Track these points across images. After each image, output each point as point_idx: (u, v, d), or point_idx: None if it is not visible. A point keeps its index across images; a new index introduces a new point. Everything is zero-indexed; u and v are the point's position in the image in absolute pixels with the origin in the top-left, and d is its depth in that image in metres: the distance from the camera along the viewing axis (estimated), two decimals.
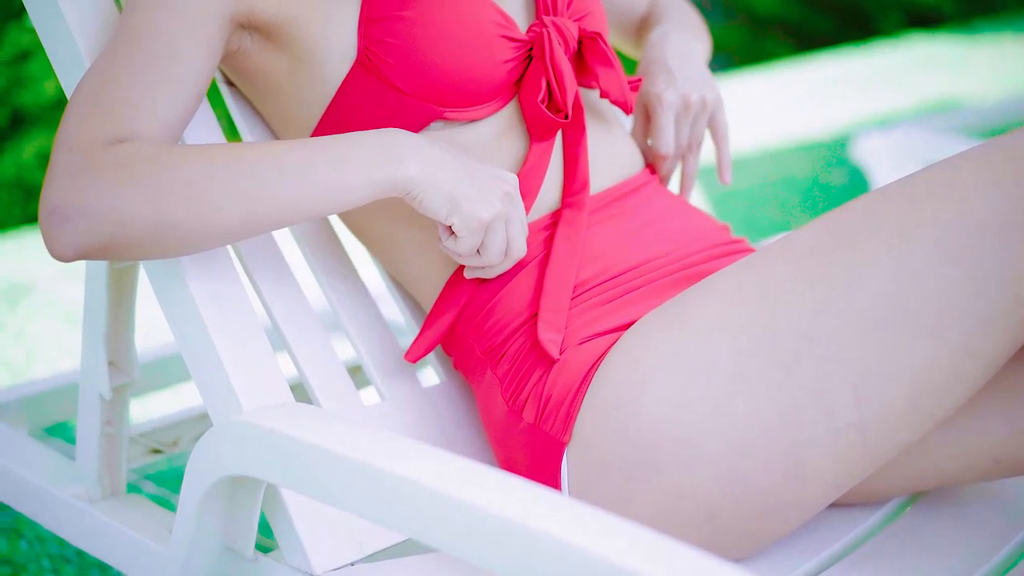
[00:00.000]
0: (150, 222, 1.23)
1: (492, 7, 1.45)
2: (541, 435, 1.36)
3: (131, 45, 1.31)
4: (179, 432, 1.95)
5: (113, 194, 1.21)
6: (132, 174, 1.22)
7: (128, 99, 1.28)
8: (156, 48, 1.31)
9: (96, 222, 1.21)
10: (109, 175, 1.22)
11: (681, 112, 1.64)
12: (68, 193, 1.22)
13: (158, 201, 1.22)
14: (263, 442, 1.20)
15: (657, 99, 1.63)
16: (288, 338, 1.46)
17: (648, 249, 1.48)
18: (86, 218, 1.21)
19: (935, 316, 1.21)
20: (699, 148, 1.71)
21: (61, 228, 1.22)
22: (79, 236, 1.22)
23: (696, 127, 1.68)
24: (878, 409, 1.23)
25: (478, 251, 1.39)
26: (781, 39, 8.39)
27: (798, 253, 1.28)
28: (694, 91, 1.65)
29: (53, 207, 1.22)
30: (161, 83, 1.30)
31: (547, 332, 1.38)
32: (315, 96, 1.45)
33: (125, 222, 1.22)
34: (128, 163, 1.23)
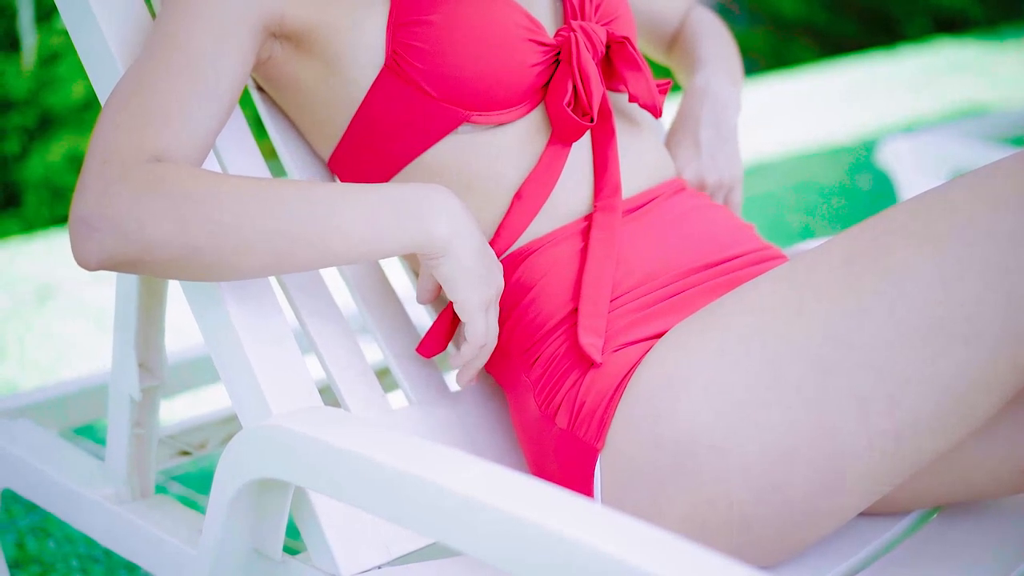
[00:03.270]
0: (176, 248, 1.24)
1: (520, 11, 1.45)
2: (574, 441, 1.36)
3: (165, 55, 1.32)
4: (207, 434, 1.96)
5: (143, 215, 1.22)
6: (164, 197, 1.23)
7: (163, 111, 1.29)
8: (190, 59, 1.32)
9: (123, 239, 1.23)
10: (141, 194, 1.23)
11: (698, 190, 1.69)
12: (99, 205, 1.23)
13: (186, 229, 1.23)
14: (292, 446, 1.20)
15: (677, 175, 1.68)
16: (316, 341, 1.46)
17: (681, 256, 1.48)
18: (113, 233, 1.23)
19: (969, 324, 1.21)
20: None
21: (88, 238, 1.23)
22: (104, 249, 1.23)
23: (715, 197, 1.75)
24: (912, 417, 1.23)
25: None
26: (807, 43, 8.39)
27: (834, 262, 1.28)
28: (712, 173, 1.72)
29: (83, 216, 1.23)
30: (195, 94, 1.31)
31: (588, 336, 1.38)
32: (344, 101, 1.46)
33: (151, 244, 1.23)
34: (161, 185, 1.24)
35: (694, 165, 1.71)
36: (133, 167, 1.25)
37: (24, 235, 4.30)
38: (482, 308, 1.37)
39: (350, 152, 1.49)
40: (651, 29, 1.94)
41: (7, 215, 4.48)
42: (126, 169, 1.25)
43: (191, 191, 1.24)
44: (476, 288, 1.36)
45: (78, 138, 4.53)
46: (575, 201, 1.49)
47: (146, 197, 1.23)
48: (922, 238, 1.24)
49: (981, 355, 1.21)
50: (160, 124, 1.28)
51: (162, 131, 1.28)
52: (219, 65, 1.34)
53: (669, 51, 1.95)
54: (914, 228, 1.25)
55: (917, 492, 1.42)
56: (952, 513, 1.47)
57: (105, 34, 1.42)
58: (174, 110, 1.30)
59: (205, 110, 1.32)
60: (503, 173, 1.46)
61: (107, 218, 1.23)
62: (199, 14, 1.34)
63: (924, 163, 3.29)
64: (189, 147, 1.30)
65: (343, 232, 1.28)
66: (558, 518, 0.97)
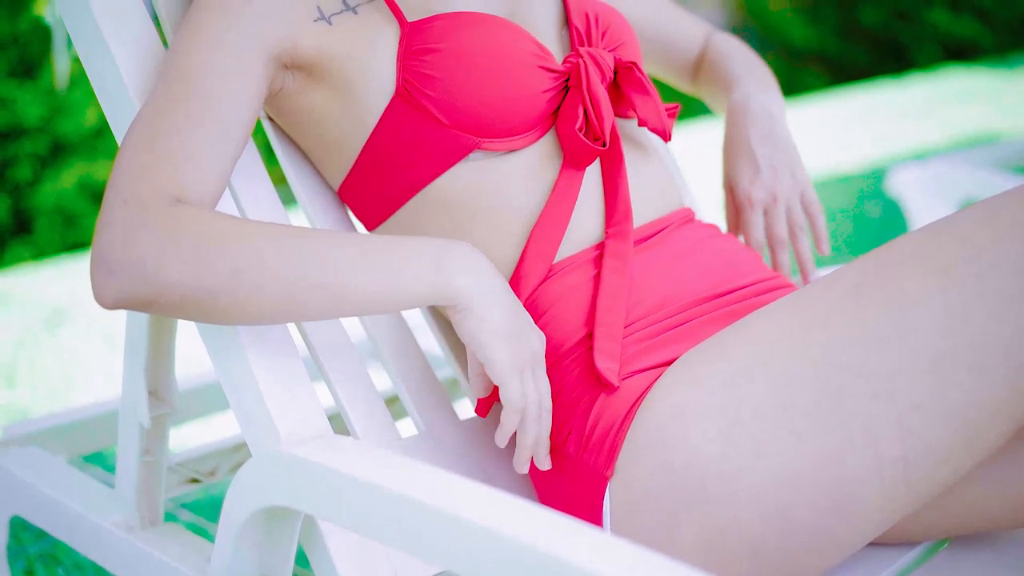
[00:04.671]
0: (191, 291, 1.25)
1: (528, 38, 1.46)
2: (584, 468, 1.36)
3: (180, 91, 1.34)
4: (217, 462, 1.96)
5: (160, 258, 1.23)
6: (182, 242, 1.24)
7: (182, 150, 1.30)
8: (205, 94, 1.34)
9: (139, 281, 1.24)
10: (161, 238, 1.24)
11: (771, 205, 1.68)
12: (118, 247, 1.24)
13: (202, 275, 1.24)
14: (302, 473, 1.20)
15: (746, 198, 1.70)
16: (326, 368, 1.47)
17: (690, 286, 1.47)
18: (130, 275, 1.24)
19: (979, 354, 1.20)
20: (803, 232, 1.75)
21: (106, 278, 1.25)
22: (122, 290, 1.25)
23: (792, 214, 1.74)
24: (921, 446, 1.23)
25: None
26: (817, 71, 8.39)
27: (842, 291, 1.28)
28: (780, 181, 1.70)
29: (102, 256, 1.25)
30: (212, 132, 1.33)
31: (604, 360, 1.38)
32: (355, 129, 1.47)
33: (167, 287, 1.24)
34: (181, 230, 1.25)
35: (759, 183, 1.71)
36: (154, 210, 1.26)
37: (35, 261, 4.31)
38: (514, 370, 1.34)
39: (361, 180, 1.50)
40: (673, 59, 1.94)
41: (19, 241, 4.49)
42: (147, 211, 1.26)
43: (211, 236, 1.25)
44: (503, 347, 1.33)
45: (90, 165, 4.55)
46: (586, 229, 1.49)
47: (166, 242, 1.24)
48: (930, 268, 1.24)
49: (990, 384, 1.21)
50: (179, 163, 1.30)
51: (181, 170, 1.29)
52: (234, 101, 1.35)
53: (695, 78, 1.95)
54: (922, 258, 1.25)
55: (926, 522, 1.42)
56: (961, 545, 1.47)
57: (118, 62, 1.43)
58: (193, 149, 1.31)
59: (222, 147, 1.33)
60: (515, 199, 1.46)
61: (127, 261, 1.24)
62: (213, 48, 1.36)
63: (934, 191, 3.29)
64: (208, 184, 1.31)
65: (361, 285, 1.29)
66: (569, 547, 0.97)
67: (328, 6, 1.45)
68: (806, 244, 1.75)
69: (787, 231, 1.72)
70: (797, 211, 1.72)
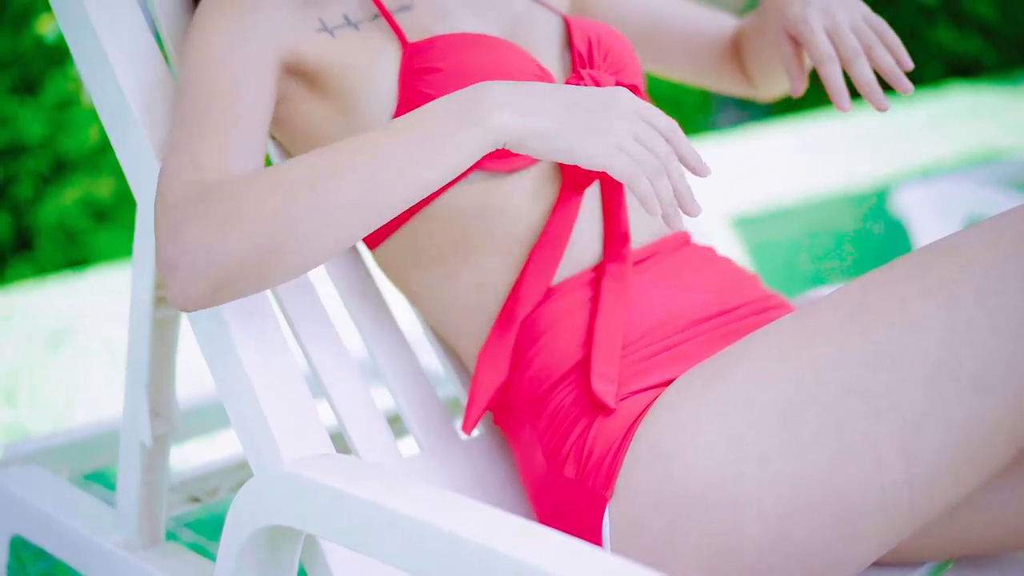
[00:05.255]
0: (248, 252, 1.25)
1: (529, 60, 1.46)
2: (583, 490, 1.36)
3: (205, 100, 1.36)
4: (218, 481, 1.95)
5: (209, 237, 1.24)
6: (225, 214, 1.25)
7: (212, 152, 1.32)
8: (224, 102, 1.36)
9: (200, 268, 1.25)
10: (202, 220, 1.25)
11: (832, 28, 1.53)
12: (172, 246, 1.25)
13: (250, 233, 1.25)
14: (303, 493, 1.20)
15: (802, 22, 1.54)
16: (328, 387, 1.46)
17: (687, 307, 1.47)
18: (190, 267, 1.25)
19: (983, 373, 1.20)
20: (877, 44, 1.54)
21: (174, 280, 1.26)
22: (189, 284, 1.26)
23: (860, 32, 1.54)
24: (926, 465, 1.22)
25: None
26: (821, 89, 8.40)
27: (846, 310, 1.28)
28: (833, 3, 1.55)
29: (164, 262, 1.26)
30: (238, 133, 1.34)
31: (601, 383, 1.37)
32: None
33: (226, 261, 1.25)
34: (214, 203, 1.26)
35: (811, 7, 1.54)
36: (192, 201, 1.27)
37: (37, 278, 4.31)
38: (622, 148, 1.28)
39: None
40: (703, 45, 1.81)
41: (20, 258, 4.50)
42: (187, 205, 1.27)
43: (243, 195, 1.26)
44: (595, 138, 1.28)
45: (92, 182, 4.55)
46: (585, 250, 1.49)
47: (207, 220, 1.25)
48: (933, 287, 1.23)
49: (995, 404, 1.20)
50: (212, 166, 1.31)
51: (215, 170, 1.31)
52: (254, 103, 1.37)
53: (732, 55, 1.82)
54: (925, 277, 1.25)
55: (931, 543, 1.41)
56: (965, 565, 1.46)
57: (119, 79, 1.43)
58: (222, 150, 1.33)
59: (248, 144, 1.35)
60: (515, 219, 1.46)
61: (182, 256, 1.25)
62: (225, 59, 1.38)
63: (939, 210, 3.29)
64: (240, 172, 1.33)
65: (403, 172, 1.27)
66: (572, 567, 0.97)
67: (330, 19, 1.46)
68: (886, 55, 1.54)
69: (858, 45, 1.53)
70: (863, 29, 1.55)
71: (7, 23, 4.39)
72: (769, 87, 1.81)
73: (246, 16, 1.41)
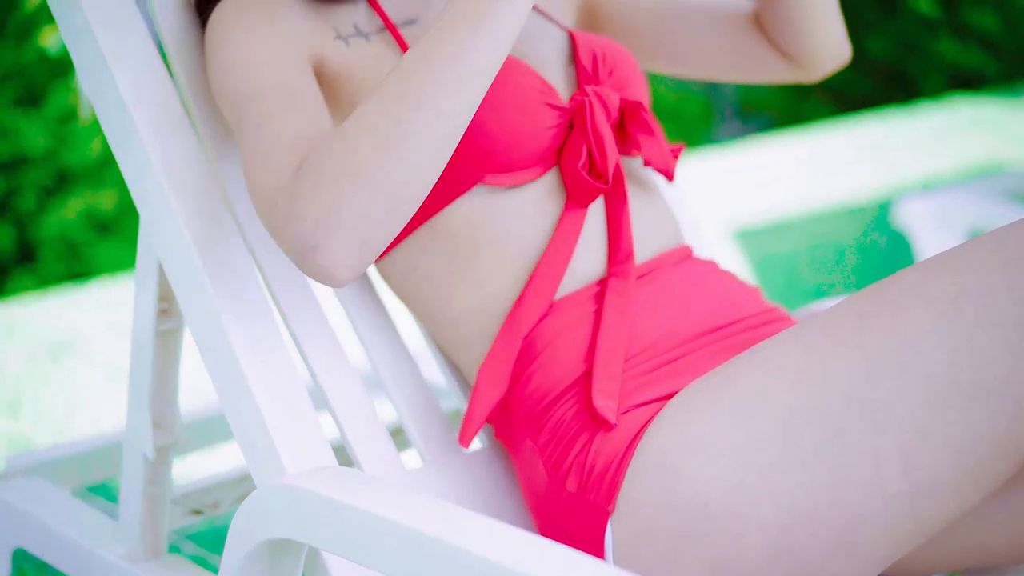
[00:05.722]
0: (377, 194, 1.24)
1: (535, 75, 1.46)
2: (585, 504, 1.36)
3: (262, 106, 1.36)
4: (220, 493, 1.95)
5: (334, 199, 1.24)
6: (334, 174, 1.24)
7: (288, 145, 1.33)
8: (282, 96, 1.37)
9: (339, 234, 1.24)
10: (318, 191, 1.24)
11: None
12: (302, 230, 1.25)
13: (371, 174, 1.24)
14: (306, 505, 1.20)
15: None
16: (330, 399, 1.46)
17: (689, 321, 1.47)
18: (329, 237, 1.24)
19: (986, 385, 1.20)
20: None
21: (316, 260, 1.25)
22: (335, 254, 1.25)
23: None
24: (928, 478, 1.22)
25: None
26: (822, 100, 8.39)
27: (848, 322, 1.28)
28: None
29: (299, 249, 1.25)
30: (305, 119, 1.35)
31: (602, 399, 1.37)
32: None
33: (360, 212, 1.24)
34: (323, 169, 1.25)
35: None
36: (292, 183, 1.28)
37: (39, 291, 4.31)
38: None
39: None
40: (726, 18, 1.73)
41: (23, 270, 4.49)
42: (290, 189, 1.27)
43: (336, 151, 1.26)
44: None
45: (95, 195, 4.55)
46: (587, 266, 1.49)
47: (316, 188, 1.24)
48: (936, 300, 1.23)
49: (998, 416, 1.20)
50: (295, 155, 1.32)
51: (299, 157, 1.31)
52: (308, 92, 1.39)
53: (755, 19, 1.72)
54: (928, 289, 1.25)
55: (933, 557, 1.41)
56: None
57: (122, 93, 1.43)
58: (301, 137, 1.33)
59: (319, 124, 1.36)
60: (518, 234, 1.46)
61: (312, 232, 1.24)
62: (266, 65, 1.39)
63: (941, 222, 3.29)
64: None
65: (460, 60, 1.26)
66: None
67: (343, 29, 1.48)
68: None
69: None
70: None
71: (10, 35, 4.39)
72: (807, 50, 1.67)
73: (272, 25, 1.42)
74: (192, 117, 1.51)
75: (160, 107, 1.45)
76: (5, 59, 4.40)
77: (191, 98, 1.51)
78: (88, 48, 1.45)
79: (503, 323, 1.46)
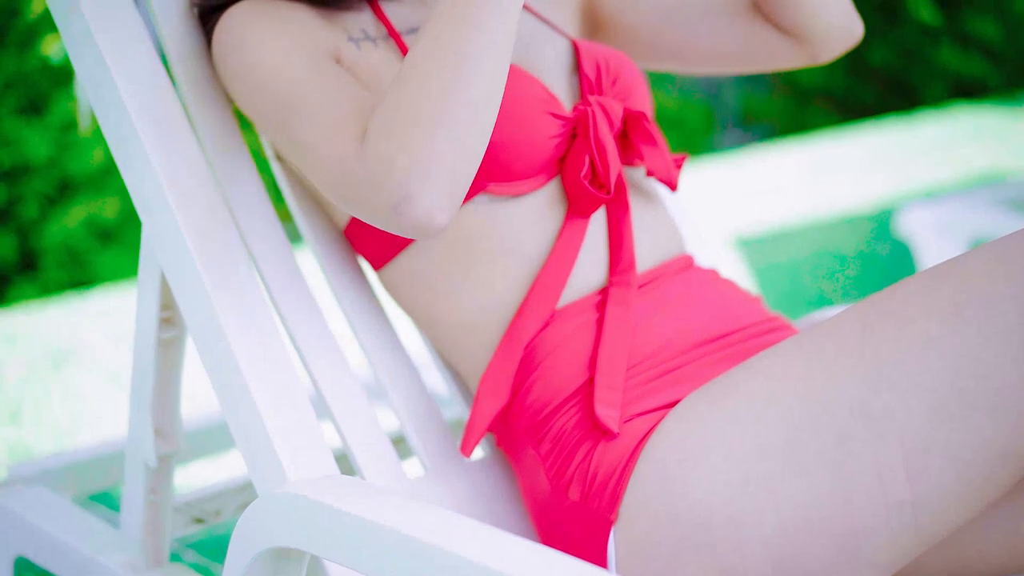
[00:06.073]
0: (451, 134, 1.25)
1: (538, 85, 1.46)
2: (587, 513, 1.35)
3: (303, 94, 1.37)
4: (222, 502, 1.95)
5: (412, 150, 1.24)
6: (402, 124, 1.25)
7: (350, 111, 1.34)
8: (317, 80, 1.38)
9: (427, 179, 1.24)
10: (389, 145, 1.25)
11: None
12: (386, 185, 1.25)
13: (440, 116, 1.25)
14: (308, 514, 1.20)
15: None
16: (332, 408, 1.46)
17: (690, 330, 1.47)
18: (417, 186, 1.24)
19: (989, 394, 1.20)
20: None
21: (412, 211, 1.25)
22: (427, 201, 1.25)
23: None
24: (931, 487, 1.22)
25: None
26: (825, 109, 8.40)
27: (851, 331, 1.28)
28: None
29: (391, 206, 1.26)
30: (358, 94, 1.37)
31: (604, 408, 1.37)
32: None
33: (440, 153, 1.25)
34: (391, 125, 1.26)
35: None
36: (362, 149, 1.28)
37: (41, 299, 4.31)
38: None
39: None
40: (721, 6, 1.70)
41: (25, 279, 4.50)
42: (359, 153, 1.28)
43: (400, 101, 1.27)
44: None
45: (97, 203, 4.56)
46: (589, 276, 1.48)
47: (398, 140, 1.25)
48: (938, 309, 1.23)
49: (1000, 425, 1.20)
50: (355, 123, 1.33)
51: (359, 126, 1.33)
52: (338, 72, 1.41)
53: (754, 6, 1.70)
54: (930, 298, 1.25)
55: (934, 566, 1.41)
56: None
57: (125, 101, 1.43)
58: (359, 109, 1.35)
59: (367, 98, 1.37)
60: (520, 243, 1.46)
61: (406, 179, 1.24)
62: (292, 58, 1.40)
63: (943, 231, 3.28)
64: None
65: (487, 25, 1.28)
66: None
67: (353, 32, 1.50)
68: None
69: None
70: None
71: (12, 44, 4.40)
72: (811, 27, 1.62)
73: (288, 24, 1.43)
74: (194, 125, 1.51)
75: (162, 115, 1.45)
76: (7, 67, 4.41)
77: (193, 106, 1.51)
78: (90, 56, 1.45)
79: (505, 332, 1.46)
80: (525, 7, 1.60)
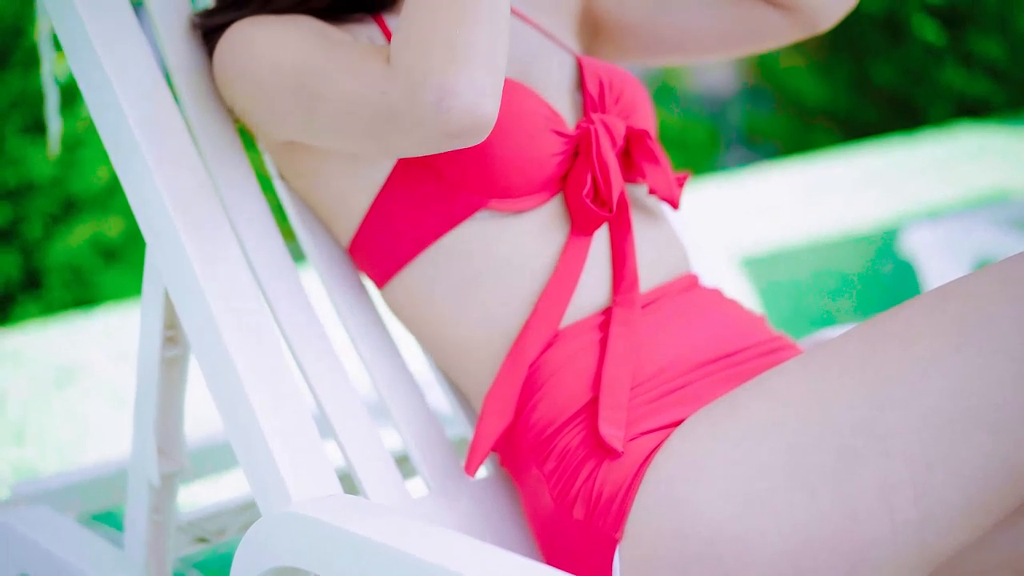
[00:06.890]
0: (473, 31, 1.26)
1: (540, 102, 1.46)
2: (592, 532, 1.35)
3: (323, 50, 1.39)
4: (225, 521, 1.95)
5: (441, 48, 1.25)
6: (424, 33, 1.26)
7: (369, 48, 1.36)
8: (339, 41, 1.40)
9: (462, 70, 1.25)
10: (421, 49, 1.26)
11: None
12: (430, 84, 1.25)
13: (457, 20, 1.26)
14: (312, 533, 1.19)
15: None
16: (336, 427, 1.46)
17: (694, 349, 1.47)
18: (457, 76, 1.24)
19: (995, 413, 1.20)
20: None
21: (459, 103, 1.25)
22: (471, 88, 1.25)
23: None
24: (936, 504, 1.22)
25: None
26: (829, 129, 8.41)
27: (856, 350, 1.28)
28: None
29: (436, 103, 1.25)
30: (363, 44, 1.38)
31: (608, 428, 1.37)
32: (364, 186, 1.47)
33: (470, 47, 1.25)
34: (412, 35, 1.27)
35: None
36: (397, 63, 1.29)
37: (45, 317, 4.32)
38: None
39: (369, 236, 1.50)
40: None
41: (29, 298, 4.50)
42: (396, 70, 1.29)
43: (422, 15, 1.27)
44: None
45: (101, 222, 4.56)
46: (592, 295, 1.48)
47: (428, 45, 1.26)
48: (944, 328, 1.23)
49: (1006, 444, 1.20)
50: (377, 53, 1.34)
51: (382, 55, 1.33)
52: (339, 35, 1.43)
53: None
54: (936, 318, 1.25)
55: None
56: None
57: (129, 119, 1.43)
58: (377, 46, 1.36)
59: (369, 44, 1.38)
60: (522, 260, 1.46)
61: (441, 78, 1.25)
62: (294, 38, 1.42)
63: (947, 250, 3.28)
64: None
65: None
66: None
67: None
68: None
69: None
70: None
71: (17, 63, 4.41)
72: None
73: (295, 22, 1.44)
74: (198, 145, 1.51)
75: (166, 135, 1.45)
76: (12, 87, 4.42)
77: (197, 125, 1.52)
78: (95, 76, 1.45)
79: (508, 352, 1.46)
80: (528, 20, 1.61)
